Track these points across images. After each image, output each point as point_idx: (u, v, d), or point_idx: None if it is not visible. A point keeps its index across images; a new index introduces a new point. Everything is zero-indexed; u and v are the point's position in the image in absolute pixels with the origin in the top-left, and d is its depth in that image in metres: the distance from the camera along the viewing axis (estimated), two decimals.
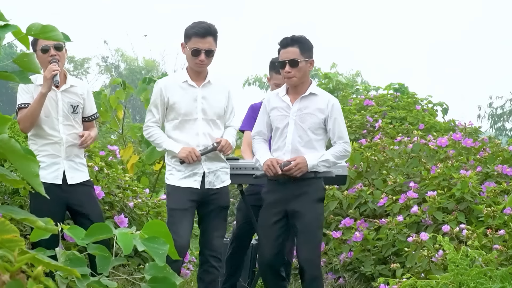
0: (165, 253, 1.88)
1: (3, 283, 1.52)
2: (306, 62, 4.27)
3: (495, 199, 5.23)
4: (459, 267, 3.76)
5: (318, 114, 4.29)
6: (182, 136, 4.27)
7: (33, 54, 2.21)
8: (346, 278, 5.41)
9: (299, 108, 4.30)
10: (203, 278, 4.33)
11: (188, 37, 4.25)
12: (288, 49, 4.27)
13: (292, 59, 4.23)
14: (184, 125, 4.28)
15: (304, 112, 4.29)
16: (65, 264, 1.80)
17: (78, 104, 4.40)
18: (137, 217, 5.70)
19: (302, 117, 4.29)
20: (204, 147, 4.28)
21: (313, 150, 4.28)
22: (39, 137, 4.28)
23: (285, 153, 4.28)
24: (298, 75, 4.26)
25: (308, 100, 4.31)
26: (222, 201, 4.36)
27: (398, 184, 5.99)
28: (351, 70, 19.61)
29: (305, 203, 4.22)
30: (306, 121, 4.28)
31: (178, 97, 4.26)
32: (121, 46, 40.52)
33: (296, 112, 4.30)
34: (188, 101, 4.27)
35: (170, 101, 4.26)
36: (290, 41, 4.28)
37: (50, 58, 4.22)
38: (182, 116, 4.27)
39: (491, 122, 27.68)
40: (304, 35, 4.38)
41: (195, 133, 4.28)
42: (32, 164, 1.67)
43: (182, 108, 4.26)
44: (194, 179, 4.26)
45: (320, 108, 4.29)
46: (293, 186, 4.25)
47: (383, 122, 8.81)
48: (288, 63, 4.24)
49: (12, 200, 5.12)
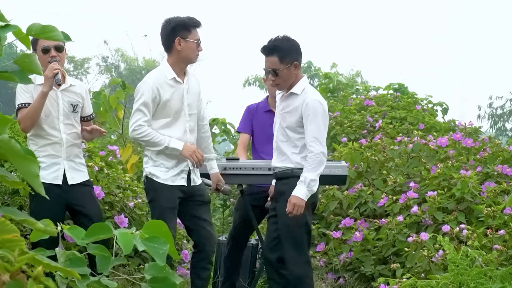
0: (166, 253, 1.88)
1: (3, 283, 1.52)
2: (287, 69, 4.27)
3: (495, 199, 5.23)
4: (459, 267, 3.76)
5: (295, 113, 4.32)
6: (173, 134, 4.25)
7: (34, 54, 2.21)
8: (346, 278, 5.41)
9: (282, 107, 4.40)
10: (201, 275, 4.33)
11: (188, 29, 4.23)
12: (268, 59, 4.32)
13: (272, 69, 4.28)
14: (174, 123, 4.27)
15: (285, 111, 4.37)
16: (65, 264, 1.80)
17: (77, 103, 4.41)
18: (137, 217, 5.69)
19: (283, 116, 4.38)
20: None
21: (294, 148, 4.32)
22: (39, 137, 4.28)
23: (273, 150, 4.44)
24: (281, 82, 4.33)
25: (289, 99, 4.37)
26: (206, 197, 4.42)
27: (398, 184, 5.99)
28: (351, 70, 19.60)
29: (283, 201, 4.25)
30: (285, 120, 4.35)
31: (170, 95, 4.25)
32: (121, 46, 40.49)
33: (280, 111, 4.41)
34: (177, 98, 4.27)
35: (163, 99, 4.22)
36: (269, 50, 4.30)
37: (50, 58, 4.23)
38: (173, 114, 4.26)
39: (491, 122, 27.65)
40: (285, 37, 4.33)
41: (183, 130, 4.28)
42: (32, 165, 1.67)
43: (174, 106, 4.25)
44: (181, 176, 4.27)
45: (296, 106, 4.31)
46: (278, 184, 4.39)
47: (383, 122, 8.80)
48: (271, 72, 4.31)
49: (12, 200, 5.12)
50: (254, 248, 5.44)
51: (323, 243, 5.66)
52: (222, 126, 9.72)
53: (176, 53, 4.26)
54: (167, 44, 4.28)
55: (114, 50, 39.74)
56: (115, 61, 40.28)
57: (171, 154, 4.23)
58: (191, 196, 4.30)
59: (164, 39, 4.29)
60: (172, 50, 4.27)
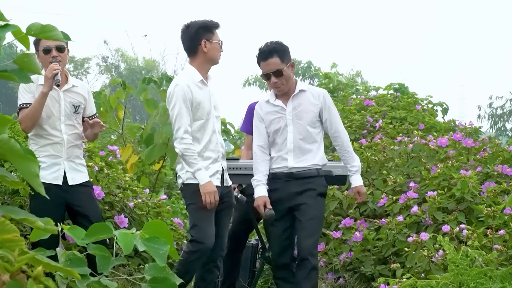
0: (166, 253, 1.88)
1: (3, 283, 1.52)
2: (288, 67, 4.41)
3: (495, 199, 5.23)
4: (459, 267, 3.76)
5: (312, 108, 4.44)
6: (205, 135, 4.29)
7: (34, 54, 2.21)
8: (346, 278, 5.41)
9: (293, 107, 4.44)
10: (206, 278, 4.32)
11: (211, 31, 4.30)
12: (269, 61, 4.39)
13: (276, 70, 4.37)
14: (206, 125, 4.30)
15: (298, 110, 4.44)
16: (65, 264, 1.80)
17: (79, 104, 4.42)
18: (137, 217, 5.69)
19: (298, 114, 4.43)
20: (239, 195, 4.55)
21: (314, 143, 4.45)
22: (40, 137, 4.28)
23: (287, 152, 4.42)
24: (286, 82, 4.42)
25: (300, 97, 4.46)
26: (232, 199, 4.45)
27: (398, 184, 5.99)
28: (351, 70, 19.58)
29: (309, 196, 4.38)
30: (302, 118, 4.43)
31: (201, 97, 4.28)
32: (121, 46, 40.49)
33: (291, 112, 4.44)
34: (207, 100, 4.31)
35: (195, 101, 4.24)
36: (268, 53, 4.39)
37: (51, 59, 4.23)
38: (206, 115, 4.29)
39: (491, 122, 27.64)
40: (278, 40, 4.49)
41: (212, 131, 4.32)
42: (32, 165, 1.67)
43: (206, 108, 4.29)
44: (216, 177, 4.30)
45: (312, 102, 4.45)
46: (296, 183, 4.40)
47: (383, 122, 8.80)
48: (273, 75, 4.38)
49: (12, 200, 5.12)
50: (254, 248, 5.43)
51: (323, 243, 5.66)
52: (222, 126, 9.71)
53: (202, 55, 4.31)
54: (192, 47, 4.31)
55: (114, 50, 39.75)
56: (115, 61, 40.27)
57: (206, 156, 4.26)
58: (222, 197, 4.31)
59: (188, 43, 4.32)
60: (198, 53, 4.31)
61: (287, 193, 4.41)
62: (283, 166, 4.44)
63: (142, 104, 9.76)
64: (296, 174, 4.40)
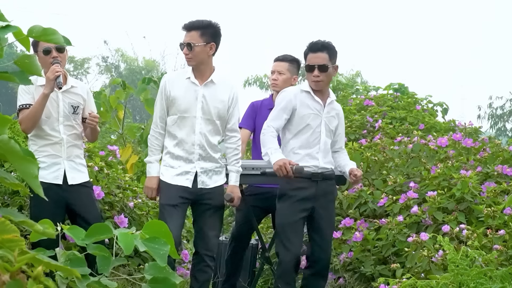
0: (166, 254, 1.88)
1: (3, 283, 1.52)
2: (333, 67, 4.48)
3: (495, 199, 5.23)
4: (459, 267, 3.76)
5: (336, 117, 4.59)
6: (180, 133, 4.30)
7: (35, 56, 2.21)
8: (346, 278, 5.41)
9: (328, 110, 4.53)
10: (198, 277, 4.34)
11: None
12: (318, 54, 4.43)
13: (322, 65, 4.41)
14: (183, 122, 4.30)
15: (330, 115, 4.54)
16: (65, 264, 1.80)
17: (78, 105, 4.41)
18: (137, 217, 5.69)
19: (329, 119, 4.54)
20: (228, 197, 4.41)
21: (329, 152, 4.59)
22: (39, 138, 4.28)
23: (318, 151, 4.47)
24: (325, 80, 4.47)
25: (332, 104, 4.58)
26: (216, 201, 4.37)
27: (398, 184, 5.99)
28: (351, 70, 19.60)
29: (329, 201, 4.51)
30: (332, 123, 4.56)
31: (179, 93, 4.30)
32: (121, 46, 40.51)
33: (326, 115, 4.52)
34: (189, 98, 4.30)
35: (171, 95, 4.30)
36: (321, 47, 4.45)
37: (52, 59, 4.23)
38: (180, 112, 4.29)
39: (491, 123, 27.63)
40: (331, 42, 4.54)
41: (192, 131, 4.30)
42: (31, 166, 1.67)
43: (182, 104, 4.29)
44: (186, 177, 4.29)
45: (337, 113, 4.61)
46: (324, 184, 4.46)
47: (383, 122, 8.80)
48: (318, 68, 4.42)
49: (12, 200, 5.12)
50: (254, 248, 5.43)
51: None
52: None
53: None
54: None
55: (114, 50, 39.77)
56: (115, 61, 40.30)
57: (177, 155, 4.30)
58: (199, 198, 4.31)
59: None
60: None
61: (314, 193, 4.40)
62: (312, 165, 4.42)
63: (142, 104, 9.76)
64: (323, 175, 4.44)
